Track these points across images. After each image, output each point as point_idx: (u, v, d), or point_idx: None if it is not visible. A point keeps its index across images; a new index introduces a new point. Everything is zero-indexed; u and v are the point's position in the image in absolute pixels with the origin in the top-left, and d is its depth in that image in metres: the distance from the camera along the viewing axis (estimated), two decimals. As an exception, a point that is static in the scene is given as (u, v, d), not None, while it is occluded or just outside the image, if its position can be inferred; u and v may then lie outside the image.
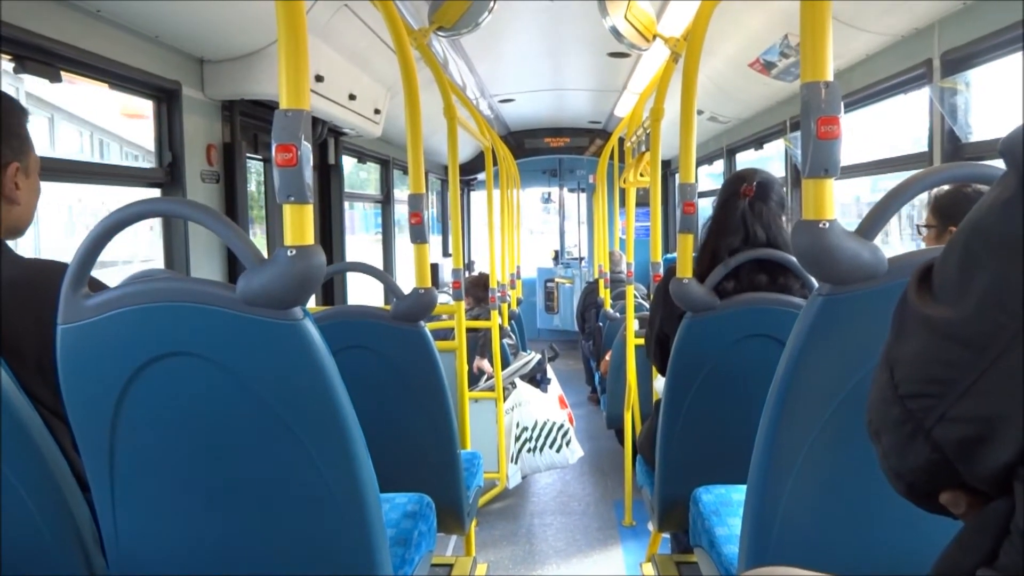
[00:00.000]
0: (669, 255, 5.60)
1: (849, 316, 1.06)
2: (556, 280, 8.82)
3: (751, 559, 1.20)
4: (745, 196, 1.90)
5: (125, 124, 3.32)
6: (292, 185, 1.05)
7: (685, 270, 1.82)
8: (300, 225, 1.06)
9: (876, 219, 1.06)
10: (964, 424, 0.46)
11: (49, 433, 1.15)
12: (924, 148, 2.59)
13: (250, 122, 3.14)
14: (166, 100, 2.58)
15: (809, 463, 1.12)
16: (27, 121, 1.28)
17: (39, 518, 1.14)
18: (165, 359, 1.08)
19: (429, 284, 1.93)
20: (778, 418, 1.12)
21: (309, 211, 1.08)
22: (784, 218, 1.93)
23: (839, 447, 1.10)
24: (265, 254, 1.07)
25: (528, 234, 9.08)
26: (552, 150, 8.27)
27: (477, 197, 8.82)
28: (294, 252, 1.04)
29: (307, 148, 1.05)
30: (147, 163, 2.69)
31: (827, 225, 1.04)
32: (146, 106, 2.59)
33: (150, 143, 2.63)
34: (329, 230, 4.24)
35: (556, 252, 9.13)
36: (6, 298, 1.16)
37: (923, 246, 1.94)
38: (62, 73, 2.04)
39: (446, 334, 3.93)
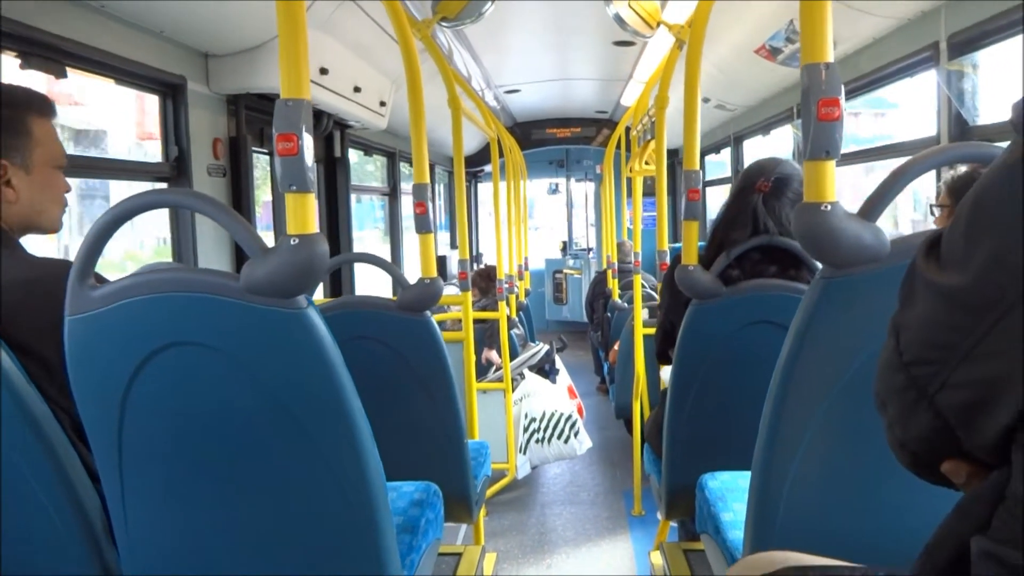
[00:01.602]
0: (676, 244, 5.58)
1: (851, 299, 1.05)
2: (564, 271, 8.82)
3: (755, 544, 1.20)
4: (760, 191, 1.81)
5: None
6: (294, 174, 1.05)
7: (690, 257, 1.81)
8: (302, 214, 1.07)
9: (878, 200, 1.05)
10: (965, 389, 0.46)
11: (59, 425, 1.17)
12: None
13: (256, 116, 3.15)
14: (171, 95, 2.59)
15: (812, 447, 1.12)
16: (31, 116, 1.25)
17: (51, 509, 1.16)
18: (171, 349, 1.09)
19: (435, 274, 1.93)
20: (781, 402, 1.12)
21: (311, 200, 1.08)
22: None
23: (842, 430, 1.10)
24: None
25: (533, 230, 9.05)
26: (559, 140, 8.25)
27: (484, 189, 8.81)
28: (296, 241, 1.05)
29: (308, 138, 1.05)
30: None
31: (829, 207, 1.04)
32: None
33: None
34: (336, 223, 4.26)
35: (564, 243, 9.12)
36: (20, 297, 1.17)
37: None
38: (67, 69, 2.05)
39: (454, 325, 3.94)
